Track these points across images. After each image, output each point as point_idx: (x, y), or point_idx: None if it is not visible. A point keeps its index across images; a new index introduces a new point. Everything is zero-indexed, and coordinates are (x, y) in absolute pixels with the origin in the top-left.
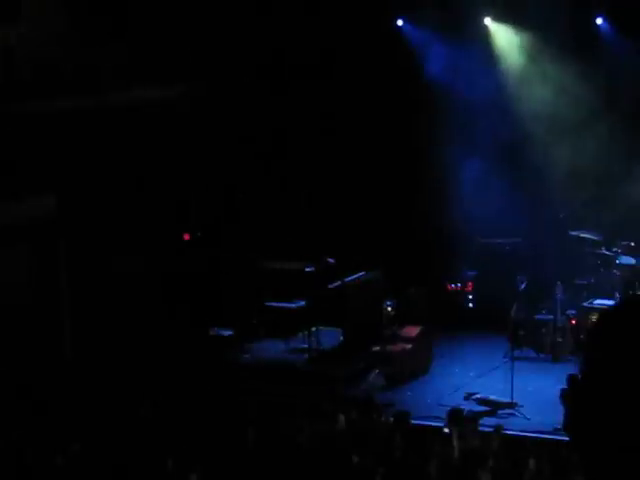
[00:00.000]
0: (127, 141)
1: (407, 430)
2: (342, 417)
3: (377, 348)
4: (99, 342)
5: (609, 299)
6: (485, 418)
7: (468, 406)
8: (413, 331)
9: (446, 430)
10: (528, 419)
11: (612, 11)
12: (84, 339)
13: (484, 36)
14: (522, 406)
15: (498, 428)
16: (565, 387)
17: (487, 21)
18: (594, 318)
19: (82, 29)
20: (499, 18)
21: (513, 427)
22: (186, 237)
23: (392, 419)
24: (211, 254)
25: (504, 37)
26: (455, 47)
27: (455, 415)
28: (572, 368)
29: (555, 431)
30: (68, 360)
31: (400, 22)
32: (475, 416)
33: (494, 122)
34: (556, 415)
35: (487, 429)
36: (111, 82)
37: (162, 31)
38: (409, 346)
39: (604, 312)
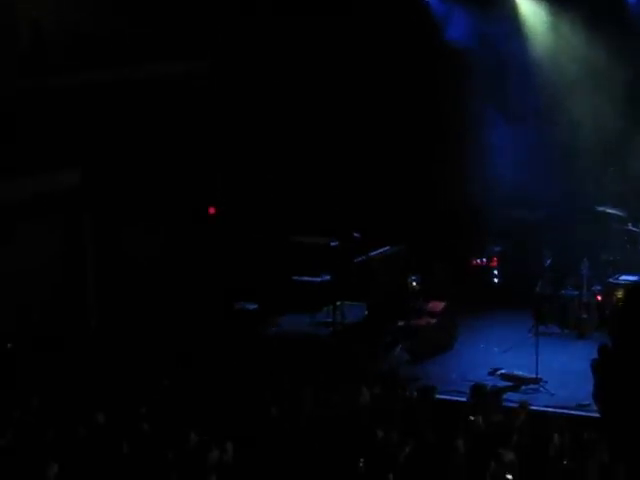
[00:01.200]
0: (152, 114)
1: (432, 405)
2: (366, 391)
3: (402, 323)
4: (124, 312)
5: (635, 275)
6: (510, 393)
7: (493, 381)
8: (438, 306)
9: (470, 405)
10: (552, 394)
11: None
12: (109, 309)
13: (510, 8)
14: (547, 382)
15: (523, 403)
16: (596, 358)
17: None
18: (620, 294)
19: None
20: None
21: (537, 402)
22: (212, 210)
23: (417, 394)
24: (236, 228)
25: (530, 9)
26: (480, 16)
27: (478, 390)
28: (597, 344)
29: (579, 407)
30: (93, 328)
31: None
32: (499, 391)
33: (521, 89)
34: (580, 391)
35: (512, 404)
36: (137, 55)
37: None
38: (434, 321)
39: (633, 287)
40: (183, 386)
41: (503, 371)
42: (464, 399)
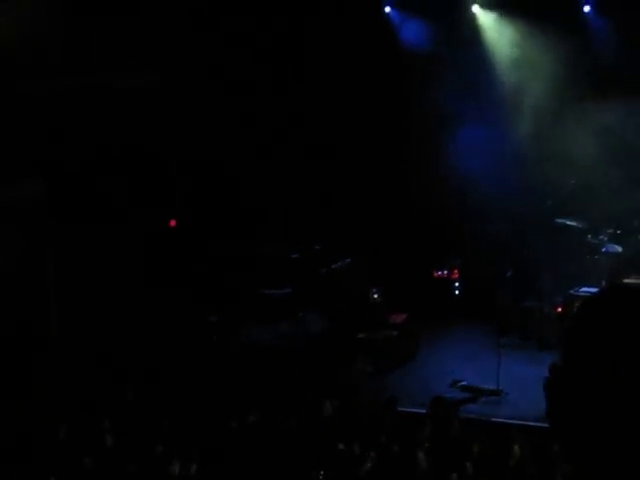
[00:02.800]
0: (115, 125)
1: (394, 417)
2: (328, 403)
3: (363, 335)
4: (85, 322)
5: (595, 287)
6: (470, 405)
7: (454, 393)
8: (399, 318)
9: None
10: (513, 406)
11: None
12: (70, 319)
13: (471, 22)
14: (508, 393)
15: (482, 416)
16: (548, 376)
17: (475, 8)
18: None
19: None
20: (487, 6)
21: (498, 414)
22: (173, 223)
23: (379, 406)
24: (197, 240)
25: (492, 24)
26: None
27: (439, 402)
28: (558, 356)
29: (540, 418)
30: (54, 338)
31: (387, 9)
32: (458, 403)
33: (481, 101)
34: (541, 402)
35: (472, 416)
36: (97, 64)
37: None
38: (395, 333)
39: (585, 300)
40: (147, 399)
41: (464, 383)
42: (425, 411)
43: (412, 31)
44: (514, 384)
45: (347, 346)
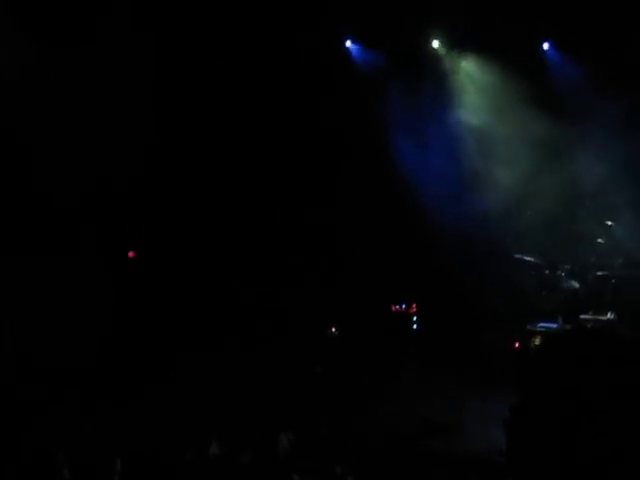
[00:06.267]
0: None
1: (352, 450)
2: (284, 437)
3: (320, 368)
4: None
5: (552, 322)
6: (429, 439)
7: (413, 427)
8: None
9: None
10: (472, 440)
11: (559, 36)
12: (23, 351)
13: (430, 56)
14: (466, 427)
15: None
16: (507, 414)
17: (435, 44)
18: (537, 341)
19: None
20: (446, 42)
21: (457, 448)
22: (131, 254)
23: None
24: (155, 272)
25: (451, 60)
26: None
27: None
28: (515, 392)
29: (498, 452)
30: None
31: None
32: (418, 436)
33: (435, 130)
34: (500, 437)
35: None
36: None
37: None
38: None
39: (544, 341)
40: (102, 429)
41: (424, 416)
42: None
43: (370, 63)
44: (473, 418)
45: (304, 380)
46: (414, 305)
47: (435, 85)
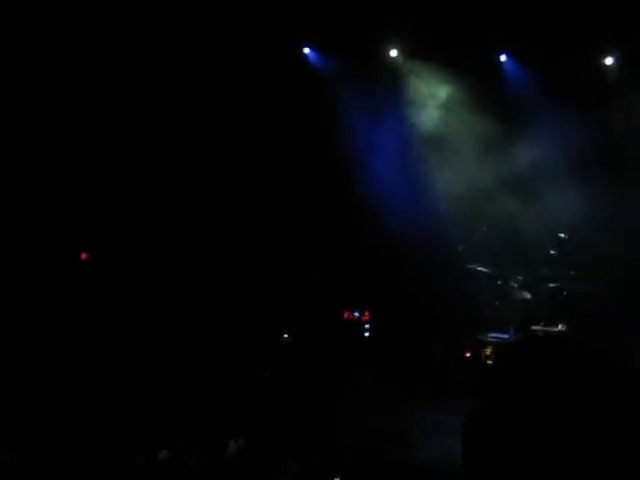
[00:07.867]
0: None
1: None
2: (233, 444)
3: (268, 374)
4: None
5: (504, 333)
6: (384, 450)
7: (367, 438)
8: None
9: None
10: (424, 450)
11: (515, 48)
12: None
13: (388, 65)
14: (418, 438)
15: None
16: (464, 424)
17: (393, 52)
18: (488, 352)
19: None
20: (405, 51)
21: (411, 458)
22: (83, 256)
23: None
24: (108, 274)
25: (408, 68)
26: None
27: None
28: (468, 401)
29: (451, 463)
30: None
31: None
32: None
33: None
34: (454, 447)
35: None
36: None
37: None
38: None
39: (500, 350)
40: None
41: (376, 427)
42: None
43: (329, 71)
44: (424, 428)
45: (255, 385)
46: (367, 313)
47: (389, 92)
